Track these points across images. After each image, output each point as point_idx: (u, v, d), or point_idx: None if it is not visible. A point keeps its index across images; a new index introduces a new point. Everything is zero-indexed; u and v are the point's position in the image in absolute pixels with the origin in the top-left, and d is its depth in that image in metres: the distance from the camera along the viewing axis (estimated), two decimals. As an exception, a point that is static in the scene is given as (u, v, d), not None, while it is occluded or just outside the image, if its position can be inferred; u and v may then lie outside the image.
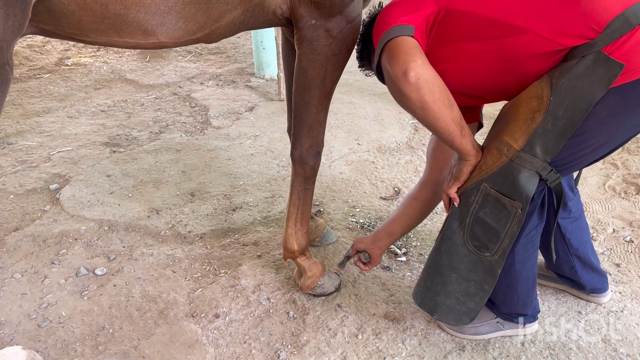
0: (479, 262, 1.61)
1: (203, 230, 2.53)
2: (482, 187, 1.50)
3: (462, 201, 1.57)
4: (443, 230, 1.66)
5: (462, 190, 1.57)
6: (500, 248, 1.56)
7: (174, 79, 4.59)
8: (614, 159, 3.12)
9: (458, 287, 1.67)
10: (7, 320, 1.97)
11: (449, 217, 1.63)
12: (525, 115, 1.40)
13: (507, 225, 1.52)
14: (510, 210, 1.49)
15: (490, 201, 1.50)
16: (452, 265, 1.65)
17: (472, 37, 1.42)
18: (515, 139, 1.42)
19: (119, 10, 1.35)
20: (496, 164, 1.46)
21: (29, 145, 3.35)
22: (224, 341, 1.90)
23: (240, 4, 1.54)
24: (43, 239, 2.42)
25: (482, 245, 1.57)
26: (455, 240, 1.61)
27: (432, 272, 1.71)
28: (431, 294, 1.74)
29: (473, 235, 1.57)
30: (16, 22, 1.19)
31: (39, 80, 4.48)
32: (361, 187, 2.90)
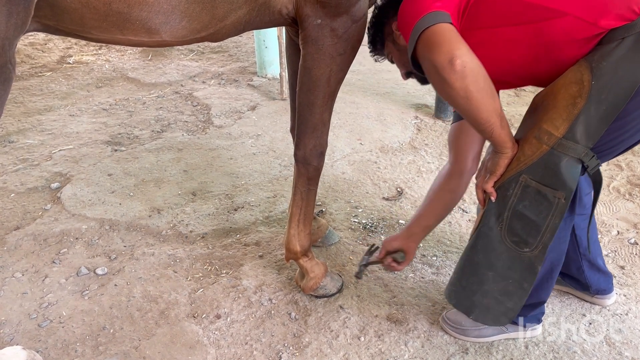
0: (518, 259, 1.55)
1: (204, 230, 2.52)
2: (522, 179, 1.45)
3: (499, 195, 1.52)
4: (478, 226, 1.60)
5: (498, 184, 1.52)
6: (540, 242, 1.50)
7: (176, 77, 4.58)
8: (618, 160, 3.10)
9: (495, 285, 1.61)
10: (7, 320, 1.96)
11: (485, 212, 1.57)
12: (565, 101, 1.36)
13: (548, 218, 1.46)
14: (552, 201, 1.44)
15: (530, 193, 1.46)
16: (489, 263, 1.59)
17: (506, 21, 1.38)
18: (556, 126, 1.38)
19: (122, 9, 1.34)
20: (536, 154, 1.42)
21: (30, 143, 3.34)
22: (225, 342, 1.88)
23: (245, 3, 1.53)
24: (44, 238, 2.41)
25: (521, 240, 1.52)
26: (492, 237, 1.56)
27: (467, 270, 1.66)
28: (467, 294, 1.68)
29: (511, 231, 1.52)
30: (19, 20, 1.18)
31: (40, 78, 4.47)
32: (363, 188, 2.89)
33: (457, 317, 1.88)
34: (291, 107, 2.12)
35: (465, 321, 1.85)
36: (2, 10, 1.13)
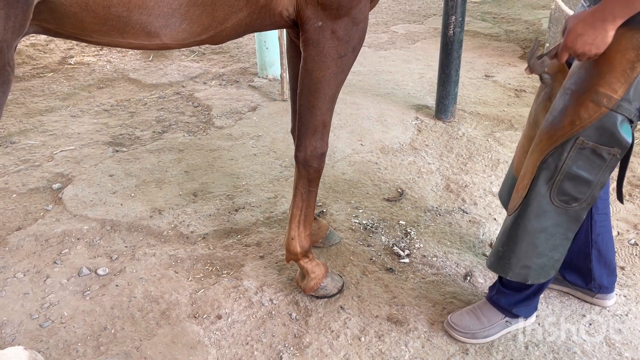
0: (565, 214, 1.62)
1: (205, 230, 2.52)
2: (578, 142, 1.50)
3: (551, 160, 1.56)
4: (525, 196, 1.63)
5: (550, 149, 1.55)
6: (590, 196, 1.58)
7: (177, 78, 4.58)
8: (618, 161, 3.11)
9: (547, 244, 1.67)
10: (8, 320, 1.97)
11: (533, 181, 1.60)
12: (623, 66, 1.42)
13: (600, 173, 1.55)
14: (606, 158, 1.52)
15: (585, 154, 1.52)
16: (540, 227, 1.64)
17: None
18: (614, 89, 1.44)
19: (121, 13, 1.34)
20: (594, 117, 1.47)
21: (32, 144, 3.35)
22: (226, 342, 1.89)
23: (245, 6, 1.53)
24: (45, 239, 2.42)
25: (570, 198, 1.59)
26: (542, 201, 1.60)
27: (521, 239, 1.67)
28: (523, 262, 1.70)
29: (561, 191, 1.58)
30: (17, 23, 1.18)
31: (42, 79, 4.48)
32: (364, 188, 2.90)
33: (464, 321, 1.88)
34: (292, 109, 2.13)
35: (472, 324, 1.87)
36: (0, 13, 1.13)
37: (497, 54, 5.27)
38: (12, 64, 1.22)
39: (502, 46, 5.53)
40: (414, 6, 7.57)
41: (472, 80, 4.54)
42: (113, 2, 1.31)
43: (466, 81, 4.44)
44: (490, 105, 3.98)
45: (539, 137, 1.60)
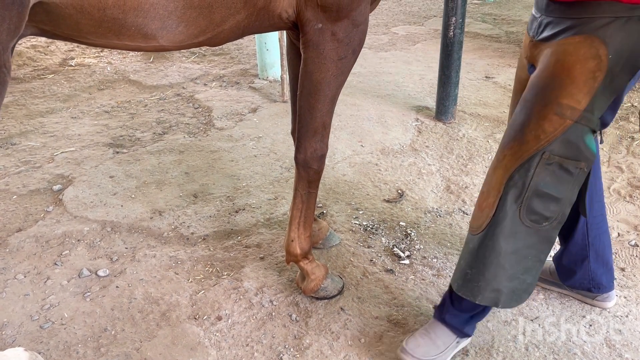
0: (535, 235, 1.55)
1: (206, 231, 2.52)
2: (544, 157, 1.46)
3: (517, 177, 1.50)
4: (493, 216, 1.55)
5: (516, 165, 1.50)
6: (559, 214, 1.53)
7: (177, 80, 4.59)
8: (618, 162, 3.11)
9: (518, 266, 1.60)
10: (9, 322, 1.97)
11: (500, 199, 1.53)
12: (584, 76, 1.40)
13: (568, 189, 1.49)
14: (573, 172, 1.47)
15: (552, 169, 1.47)
16: (511, 248, 1.57)
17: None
18: (577, 100, 1.41)
19: (117, 15, 1.34)
20: (559, 130, 1.43)
21: (33, 145, 3.36)
22: (226, 344, 1.89)
23: (243, 8, 1.53)
24: (46, 240, 2.42)
25: (540, 217, 1.52)
26: (511, 221, 1.54)
27: (489, 262, 1.60)
28: (493, 285, 1.63)
29: (530, 210, 1.51)
30: (12, 25, 1.17)
31: (42, 80, 4.49)
32: (364, 190, 2.90)
33: (421, 347, 1.78)
34: (292, 110, 2.13)
35: (430, 349, 1.77)
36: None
37: (498, 55, 5.27)
38: (8, 66, 1.22)
39: (503, 47, 5.53)
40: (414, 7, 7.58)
41: (472, 81, 4.54)
42: (108, 4, 1.31)
43: (466, 82, 4.44)
44: (491, 106, 3.98)
45: (501, 153, 1.54)
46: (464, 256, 1.67)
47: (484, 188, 1.60)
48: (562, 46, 1.44)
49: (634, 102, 3.95)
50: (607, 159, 3.15)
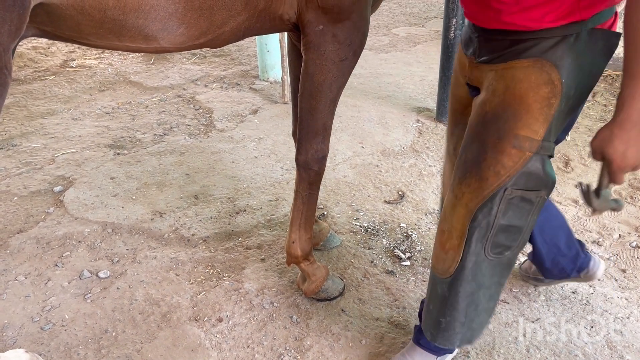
0: (498, 264, 1.49)
1: (206, 233, 2.52)
2: (507, 193, 1.36)
3: (480, 217, 1.40)
4: (461, 259, 1.47)
5: (478, 204, 1.39)
6: (521, 241, 1.47)
7: (178, 81, 4.59)
8: (619, 163, 3.10)
9: (484, 298, 1.55)
10: (10, 323, 1.97)
11: (466, 243, 1.44)
12: (539, 104, 1.30)
13: (529, 218, 1.42)
14: (534, 201, 1.39)
15: (514, 203, 1.38)
16: (478, 285, 1.51)
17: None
18: (534, 130, 1.31)
19: (117, 16, 1.34)
20: (519, 163, 1.33)
21: (33, 147, 3.36)
22: (227, 345, 1.89)
23: (244, 9, 1.53)
24: (47, 242, 2.42)
25: (504, 249, 1.46)
26: (478, 260, 1.47)
27: (461, 306, 1.54)
28: (468, 325, 1.58)
29: (495, 245, 1.45)
30: (13, 27, 1.17)
31: (43, 82, 4.49)
32: (365, 191, 2.90)
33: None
34: (293, 112, 2.13)
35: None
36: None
37: (498, 56, 5.26)
38: (9, 67, 1.22)
39: (503, 49, 5.52)
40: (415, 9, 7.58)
41: (473, 82, 4.54)
42: (109, 6, 1.31)
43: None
44: (491, 107, 3.98)
45: (458, 189, 1.43)
46: (433, 301, 1.58)
47: (444, 226, 1.49)
48: (510, 71, 1.32)
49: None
50: (608, 160, 3.15)
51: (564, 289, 2.15)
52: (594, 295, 2.12)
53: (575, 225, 2.57)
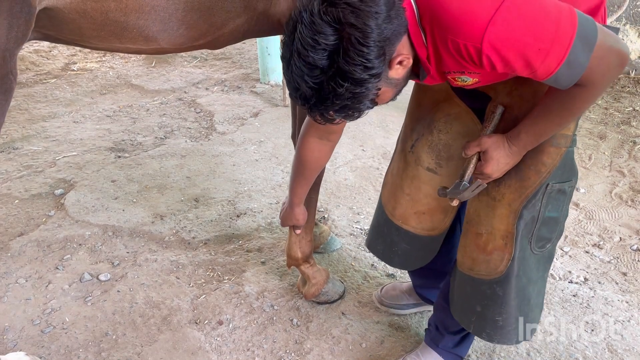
0: (542, 257, 1.54)
1: (207, 236, 2.53)
2: (548, 188, 1.42)
3: (526, 213, 1.43)
4: (512, 257, 1.47)
5: (522, 203, 1.42)
6: (559, 231, 1.52)
7: (179, 84, 4.60)
8: (620, 166, 3.10)
9: (534, 293, 1.58)
10: (10, 326, 1.97)
11: (516, 239, 1.45)
12: None
13: (563, 208, 1.49)
14: (567, 191, 1.46)
15: (553, 196, 1.44)
16: (528, 280, 1.54)
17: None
18: (568, 127, 1.38)
19: (118, 18, 1.36)
20: (557, 159, 1.40)
21: (35, 150, 3.37)
22: (227, 348, 1.89)
23: (243, 12, 1.54)
24: (47, 244, 2.43)
25: (546, 242, 1.51)
26: (526, 255, 1.50)
27: (515, 303, 1.54)
28: (523, 321, 1.59)
29: (539, 239, 1.49)
30: (19, 33, 1.19)
31: (45, 85, 4.50)
32: (366, 194, 2.90)
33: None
34: (292, 114, 2.14)
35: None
36: (3, 23, 1.15)
37: (499, 59, 5.27)
38: (15, 72, 1.24)
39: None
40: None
41: (473, 85, 4.54)
42: (110, 8, 1.33)
43: (468, 87, 4.44)
44: (492, 110, 3.98)
45: (497, 192, 1.44)
46: (481, 302, 1.56)
47: (481, 229, 1.49)
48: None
49: (636, 107, 3.95)
50: (609, 163, 3.14)
51: (564, 292, 2.15)
52: (594, 298, 2.12)
53: (576, 228, 2.57)
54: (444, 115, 1.57)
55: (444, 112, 1.57)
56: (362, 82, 1.09)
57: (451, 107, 1.55)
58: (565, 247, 2.43)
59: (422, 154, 1.61)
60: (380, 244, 1.78)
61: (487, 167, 1.36)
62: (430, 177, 1.61)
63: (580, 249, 2.42)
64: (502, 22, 1.06)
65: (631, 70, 4.45)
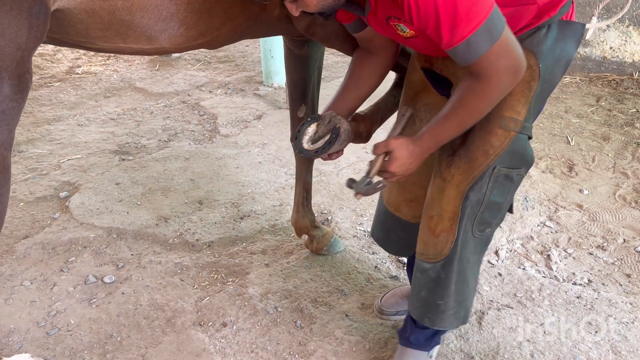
0: (480, 241, 1.56)
1: (211, 238, 2.53)
2: (495, 171, 1.45)
3: (472, 195, 1.47)
4: (456, 238, 1.51)
5: (469, 184, 1.45)
6: (500, 218, 1.56)
7: (183, 87, 4.62)
8: (624, 168, 3.10)
9: (471, 276, 1.61)
10: (16, 328, 1.98)
11: (460, 221, 1.48)
12: (520, 87, 1.39)
13: (508, 195, 1.52)
14: (515, 179, 1.50)
15: (500, 180, 1.47)
16: (467, 262, 1.56)
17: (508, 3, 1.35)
18: (517, 111, 1.41)
19: (124, 17, 1.40)
20: (505, 142, 1.43)
21: (40, 153, 3.38)
22: (231, 350, 1.89)
23: (241, 13, 1.58)
24: (52, 247, 2.44)
25: (486, 226, 1.54)
26: (466, 239, 1.52)
27: (457, 287, 1.57)
28: (464, 304, 1.62)
29: (481, 222, 1.51)
30: (38, 33, 1.23)
31: (49, 88, 4.52)
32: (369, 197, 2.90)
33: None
34: (291, 117, 2.15)
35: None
36: (24, 23, 1.19)
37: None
38: (31, 72, 1.29)
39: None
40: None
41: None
42: (117, 7, 1.37)
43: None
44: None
45: (448, 173, 1.48)
46: (424, 288, 1.60)
47: (432, 212, 1.52)
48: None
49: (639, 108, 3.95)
50: (613, 165, 3.14)
51: (568, 294, 2.15)
52: (598, 300, 2.11)
53: (580, 230, 2.57)
54: (423, 104, 1.65)
55: (423, 101, 1.65)
56: None
57: (429, 96, 1.62)
58: (569, 248, 2.43)
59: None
60: (380, 231, 1.90)
61: (390, 166, 1.42)
62: None
63: (584, 251, 2.42)
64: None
65: (634, 71, 4.44)
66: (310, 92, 2.10)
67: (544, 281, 2.22)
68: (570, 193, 2.87)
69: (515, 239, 2.51)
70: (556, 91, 4.18)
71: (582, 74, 4.59)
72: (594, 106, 4.00)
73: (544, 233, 2.55)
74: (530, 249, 2.44)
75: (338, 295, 2.16)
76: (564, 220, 2.64)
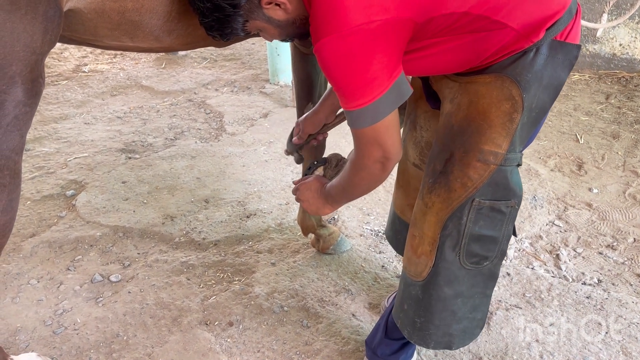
0: (479, 274, 1.52)
1: (217, 237, 2.53)
2: (474, 203, 1.40)
3: (451, 226, 1.44)
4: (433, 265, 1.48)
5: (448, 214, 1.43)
6: (499, 251, 1.50)
7: (189, 85, 4.61)
8: (634, 166, 3.06)
9: (465, 307, 1.56)
10: (22, 327, 1.98)
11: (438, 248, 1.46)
12: (501, 119, 1.34)
13: (503, 227, 1.46)
14: (505, 211, 1.43)
15: (484, 212, 1.42)
16: (455, 293, 1.52)
17: (454, 32, 1.31)
18: (498, 144, 1.35)
19: (134, 17, 1.39)
20: (484, 176, 1.38)
21: (46, 151, 3.39)
22: (238, 349, 1.89)
23: None
24: (59, 245, 2.44)
25: (480, 258, 1.48)
26: (451, 268, 1.49)
27: (435, 309, 1.55)
28: (443, 330, 1.59)
29: (470, 253, 1.47)
30: (53, 36, 1.24)
31: (56, 86, 4.53)
32: (376, 195, 2.88)
33: None
34: (298, 115, 2.14)
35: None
36: (39, 27, 1.18)
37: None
38: (44, 76, 1.30)
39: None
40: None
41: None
42: (127, 8, 1.36)
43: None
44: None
45: (428, 197, 1.45)
46: (407, 301, 1.59)
47: (415, 232, 1.51)
48: (473, 86, 1.36)
49: (649, 105, 3.90)
50: (622, 163, 3.11)
51: (577, 293, 2.13)
52: (608, 300, 2.09)
53: (589, 229, 2.54)
54: (423, 112, 1.63)
55: (422, 108, 1.63)
56: (219, 8, 1.24)
57: (426, 104, 1.60)
58: (579, 248, 2.40)
59: (409, 149, 1.71)
60: (390, 231, 1.95)
61: (302, 203, 1.63)
62: (416, 172, 1.69)
63: (594, 250, 2.39)
64: (337, 45, 1.19)
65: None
66: (317, 90, 2.09)
67: (553, 281, 2.20)
68: (579, 192, 2.84)
69: (523, 238, 2.48)
70: (565, 89, 4.14)
71: (592, 71, 4.55)
72: (603, 104, 3.96)
73: (552, 232, 2.53)
74: (539, 248, 2.42)
75: (345, 295, 2.15)
76: (573, 219, 2.62)
